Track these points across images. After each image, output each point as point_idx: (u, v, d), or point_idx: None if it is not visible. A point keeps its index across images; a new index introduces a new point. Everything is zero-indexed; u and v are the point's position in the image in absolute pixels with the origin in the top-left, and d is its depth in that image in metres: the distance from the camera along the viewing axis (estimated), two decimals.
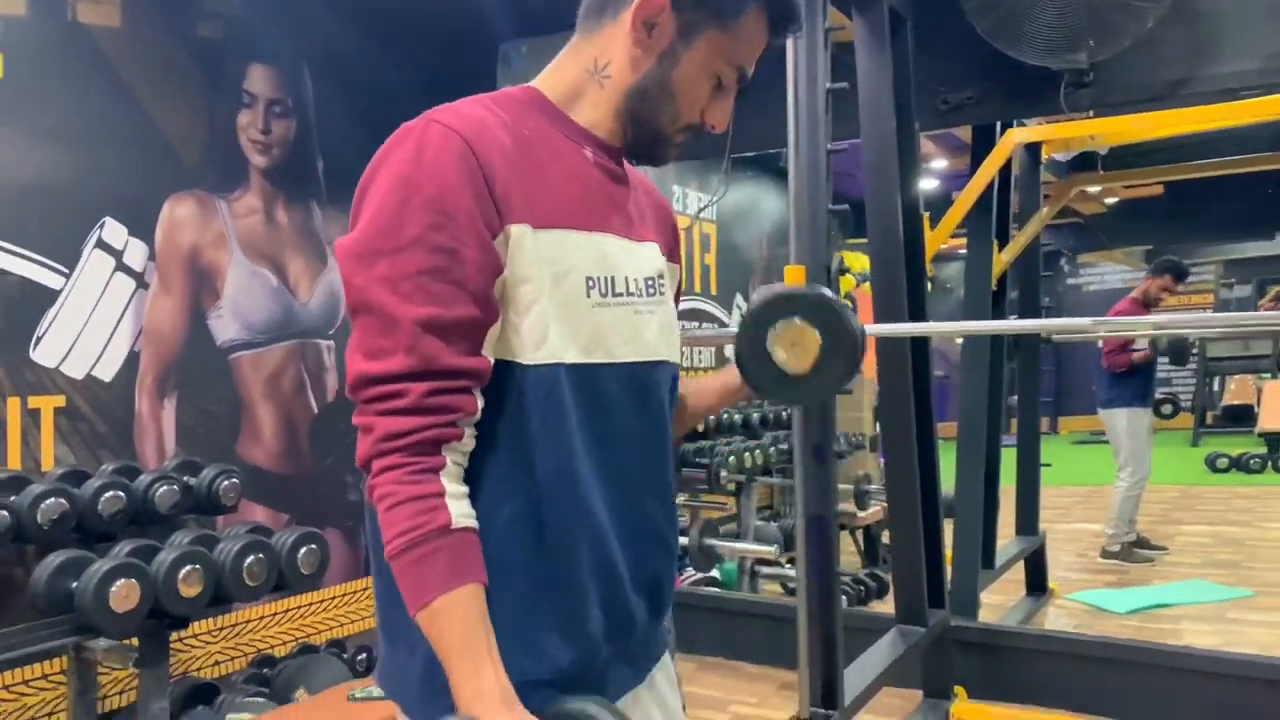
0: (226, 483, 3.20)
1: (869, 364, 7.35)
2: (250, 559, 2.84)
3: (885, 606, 4.24)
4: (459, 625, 0.92)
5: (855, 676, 2.63)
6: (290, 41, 3.81)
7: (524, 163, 1.01)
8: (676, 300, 1.23)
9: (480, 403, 0.98)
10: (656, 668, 1.17)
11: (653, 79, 1.06)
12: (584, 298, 1.02)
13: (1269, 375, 10.70)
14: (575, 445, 1.00)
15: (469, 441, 0.98)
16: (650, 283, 1.11)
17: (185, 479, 3.13)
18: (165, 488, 3.02)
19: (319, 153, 3.92)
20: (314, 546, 3.03)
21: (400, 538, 0.93)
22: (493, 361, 0.99)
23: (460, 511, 0.95)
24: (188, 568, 2.66)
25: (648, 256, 1.12)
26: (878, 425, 6.86)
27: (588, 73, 1.08)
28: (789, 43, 2.45)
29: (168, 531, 2.95)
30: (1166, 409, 7.22)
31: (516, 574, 0.99)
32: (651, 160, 1.12)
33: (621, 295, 1.06)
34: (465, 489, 0.97)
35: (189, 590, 2.66)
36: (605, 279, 1.04)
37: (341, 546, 3.97)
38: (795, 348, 1.15)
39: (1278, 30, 3.01)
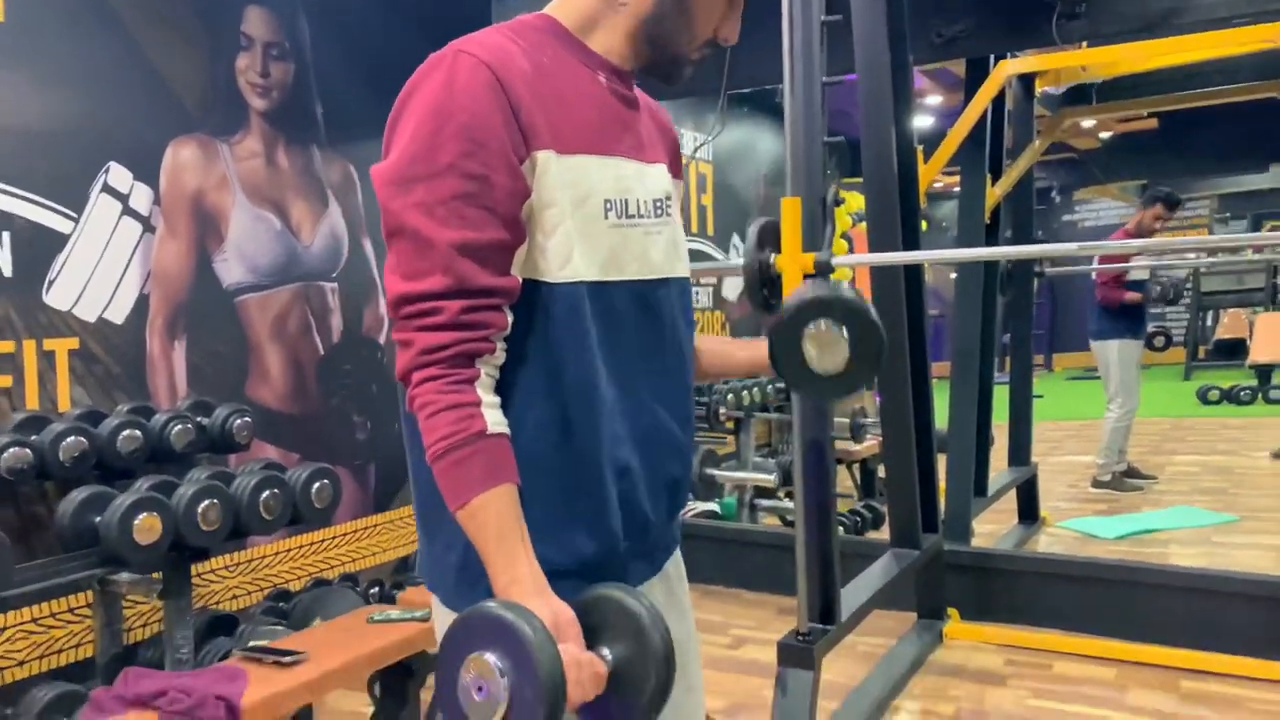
0: (239, 421, 3.28)
1: (865, 296, 7.43)
2: (266, 493, 2.94)
3: (881, 536, 4.36)
4: (495, 521, 1.00)
5: (851, 595, 2.74)
6: None
7: (545, 90, 1.06)
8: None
9: (510, 319, 1.05)
10: (669, 561, 1.26)
11: (671, 3, 1.11)
12: (602, 219, 1.08)
13: (1262, 309, 10.77)
14: (595, 357, 1.08)
15: (500, 355, 1.05)
16: (658, 204, 1.17)
17: (199, 418, 3.21)
18: (180, 426, 3.10)
19: (317, 96, 3.94)
20: (326, 482, 3.12)
21: (441, 442, 1.01)
22: (521, 281, 1.05)
23: (494, 419, 1.03)
24: (207, 501, 2.75)
25: (656, 178, 1.18)
26: None
27: (603, 2, 1.12)
28: None
29: (184, 469, 3.04)
30: (1159, 341, 7.29)
31: (544, 475, 1.07)
32: (668, 80, 1.18)
33: (634, 217, 1.12)
34: (497, 399, 1.05)
35: (209, 524, 2.76)
36: (621, 201, 1.11)
37: (351, 484, 4.07)
38: (826, 349, 1.23)
39: None
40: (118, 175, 3.24)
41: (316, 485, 3.09)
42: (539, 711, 0.91)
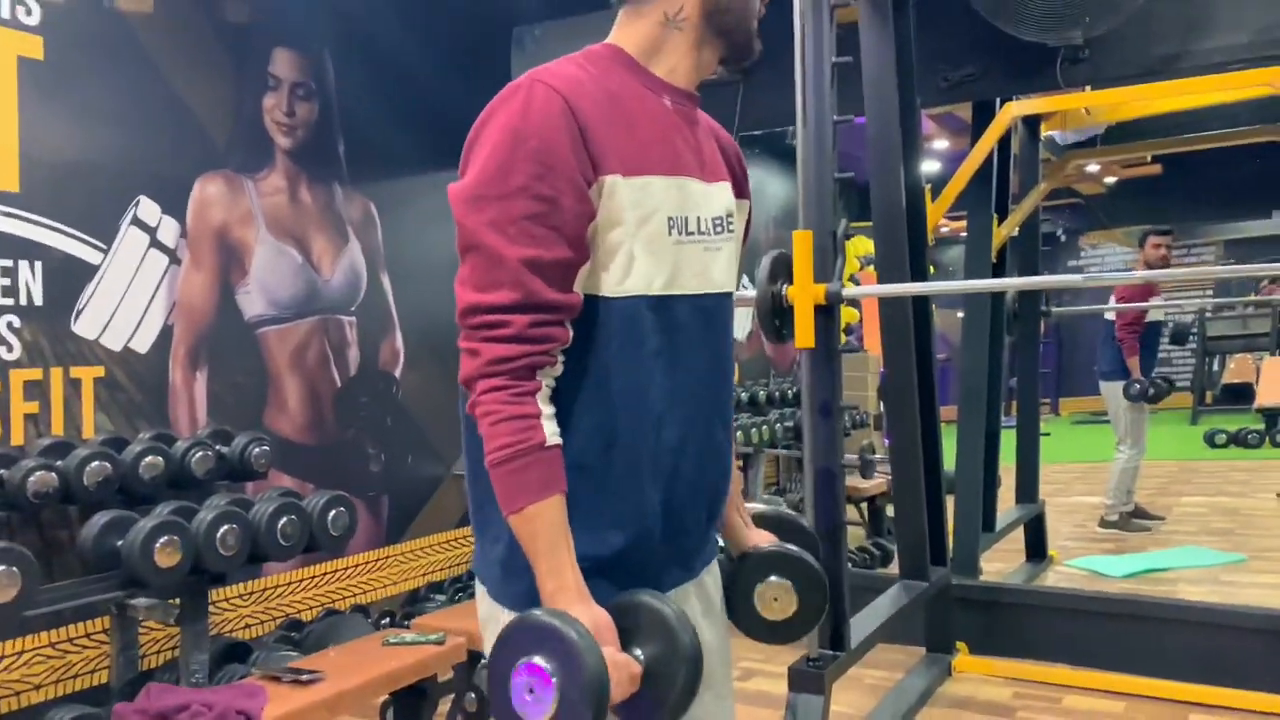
0: (257, 450, 3.34)
1: (873, 340, 7.48)
2: (284, 520, 2.99)
3: (889, 572, 4.37)
4: (545, 530, 1.07)
5: (861, 623, 2.77)
6: (313, 26, 3.94)
7: (614, 115, 1.13)
8: (746, 232, 1.37)
9: (570, 334, 1.12)
10: (705, 570, 1.31)
11: None
12: (666, 236, 1.15)
13: (1268, 354, 10.80)
14: (650, 368, 1.14)
15: (559, 367, 1.12)
16: (718, 221, 1.24)
17: (218, 446, 3.27)
18: (201, 453, 3.16)
19: (340, 134, 4.05)
20: (343, 509, 3.18)
21: (501, 450, 1.07)
22: (582, 297, 1.12)
23: (551, 431, 1.09)
24: (226, 526, 2.80)
25: (719, 196, 1.25)
26: (881, 405, 7.01)
27: (662, 25, 1.20)
28: (796, 20, 2.57)
29: (203, 496, 3.09)
30: (1150, 390, 7.24)
31: (589, 478, 1.13)
32: (746, 57, 1.26)
33: (694, 234, 1.19)
34: (553, 409, 1.11)
35: (227, 549, 2.80)
36: (683, 219, 1.18)
37: (365, 515, 4.11)
38: (776, 600, 1.36)
39: (1265, 6, 3.13)
40: (147, 209, 3.33)
41: (333, 513, 3.15)
42: (586, 711, 0.98)
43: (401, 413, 4.34)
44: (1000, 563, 4.75)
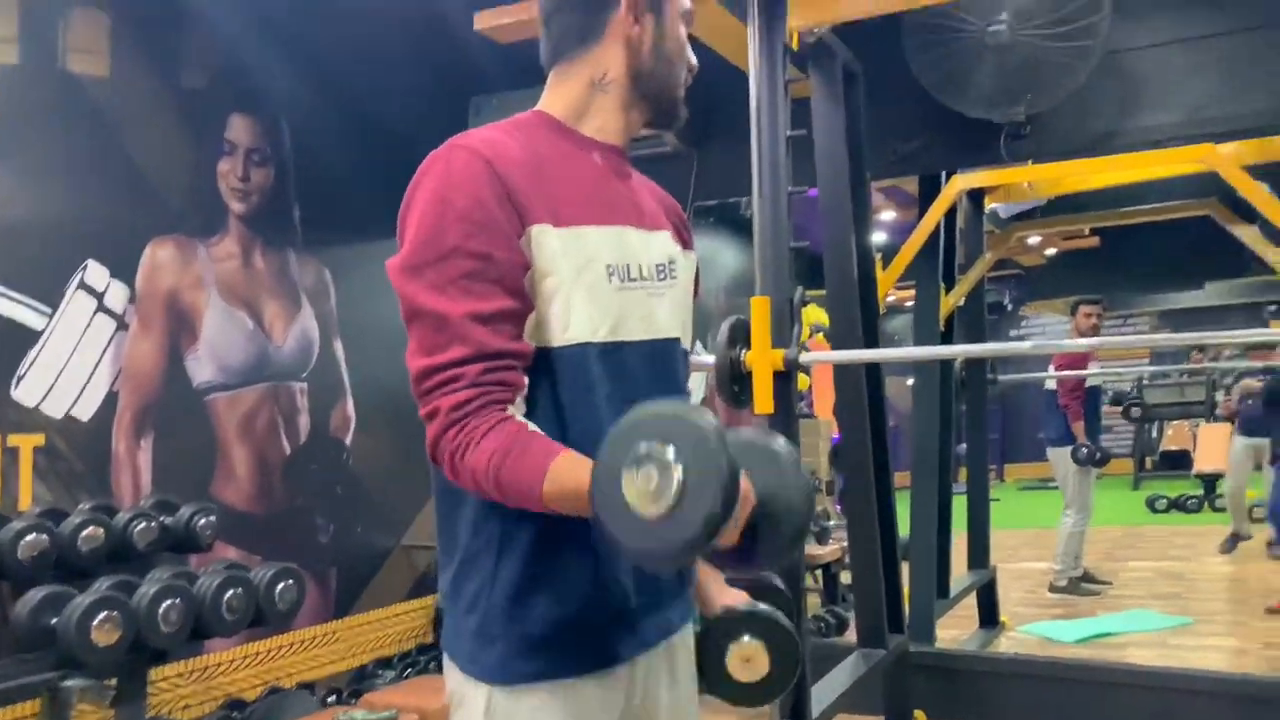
0: (203, 520, 3.24)
1: (824, 404, 7.53)
2: (230, 593, 2.89)
3: (846, 640, 4.35)
4: (578, 470, 1.03)
5: (821, 692, 2.74)
6: (270, 92, 3.94)
7: (541, 172, 1.16)
8: (696, 285, 1.38)
9: (526, 381, 1.12)
10: (684, 626, 1.29)
11: (654, 57, 1.24)
12: (607, 283, 1.17)
13: (1203, 421, 11.10)
14: (603, 415, 1.13)
15: (521, 404, 1.12)
16: (660, 268, 1.25)
17: (162, 517, 3.17)
18: (144, 525, 3.06)
19: (296, 199, 4.04)
20: (291, 582, 3.09)
21: (494, 455, 1.05)
22: (533, 347, 1.12)
23: (531, 423, 1.09)
24: (169, 601, 2.71)
25: (659, 244, 1.27)
26: (833, 470, 7.05)
27: (589, 88, 1.24)
28: (751, 94, 2.64)
29: (144, 569, 2.99)
30: (1093, 455, 7.30)
31: (554, 528, 1.12)
32: (672, 123, 1.30)
33: (637, 280, 1.21)
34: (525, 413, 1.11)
35: (170, 624, 2.71)
36: (623, 266, 1.19)
37: (313, 588, 4.00)
38: (748, 662, 1.32)
39: (1196, 85, 3.29)
40: (95, 273, 3.27)
41: (281, 585, 3.06)
42: (717, 497, 0.89)
43: (352, 481, 4.26)
44: (954, 629, 4.75)
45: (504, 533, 1.14)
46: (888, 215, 6.91)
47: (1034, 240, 7.15)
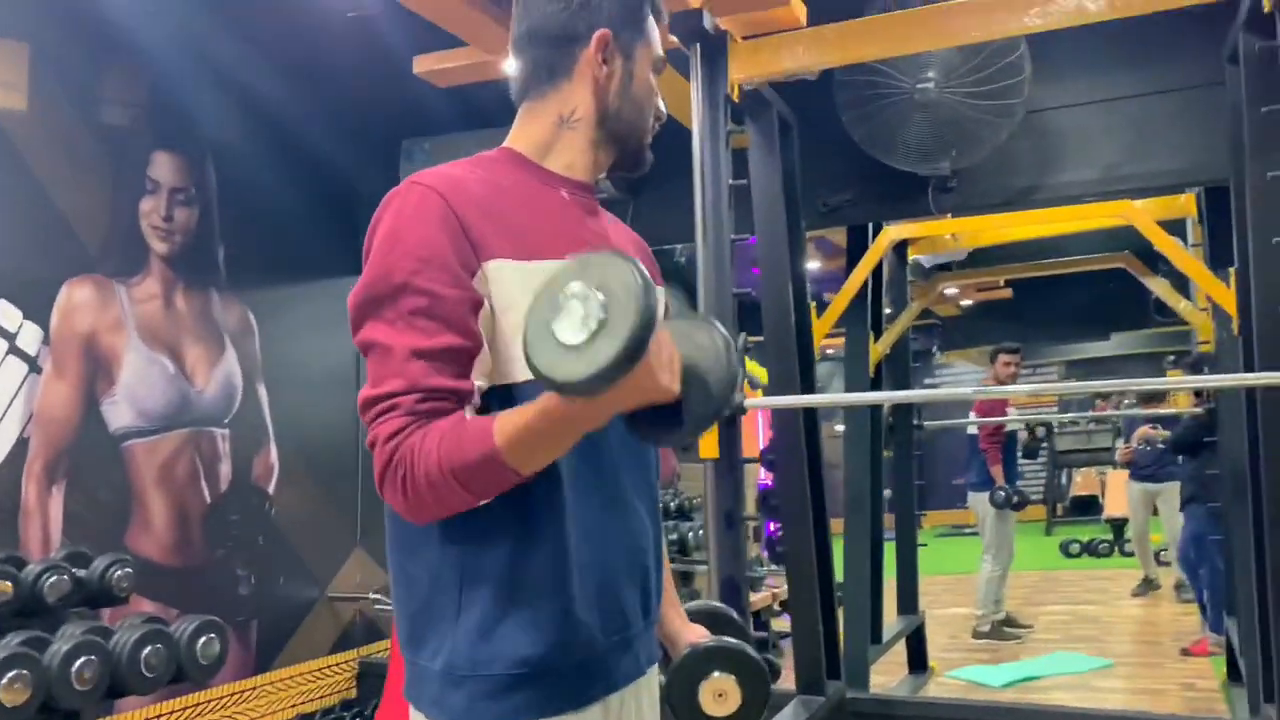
0: (119, 573, 3.08)
1: (749, 447, 7.58)
2: (148, 649, 2.77)
3: (780, 687, 4.34)
4: (519, 412, 1.02)
5: None
6: (196, 130, 3.85)
7: (501, 207, 1.15)
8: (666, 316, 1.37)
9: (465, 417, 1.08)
10: (651, 668, 1.26)
11: (621, 100, 1.24)
12: None
13: (1110, 468, 11.50)
14: (572, 452, 1.10)
15: None
16: None
17: (75, 569, 3.01)
18: (55, 578, 2.89)
19: (220, 242, 3.93)
20: (213, 636, 2.96)
21: (440, 447, 1.02)
22: (482, 386, 1.10)
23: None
24: (83, 658, 2.57)
25: None
26: (760, 514, 7.08)
27: (555, 125, 1.23)
28: (695, 144, 2.68)
29: (53, 625, 2.83)
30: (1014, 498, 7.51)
31: (522, 572, 1.10)
32: (637, 167, 1.30)
33: None
34: None
35: (83, 683, 2.56)
36: None
37: (233, 642, 3.83)
38: (721, 696, 1.33)
39: (1112, 145, 3.45)
40: (6, 313, 3.13)
41: (203, 640, 2.93)
42: (639, 316, 0.92)
43: (274, 531, 4.12)
44: (884, 674, 4.78)
45: (465, 574, 1.11)
46: (813, 265, 7.04)
47: (951, 291, 7.38)
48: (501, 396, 1.11)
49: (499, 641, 1.09)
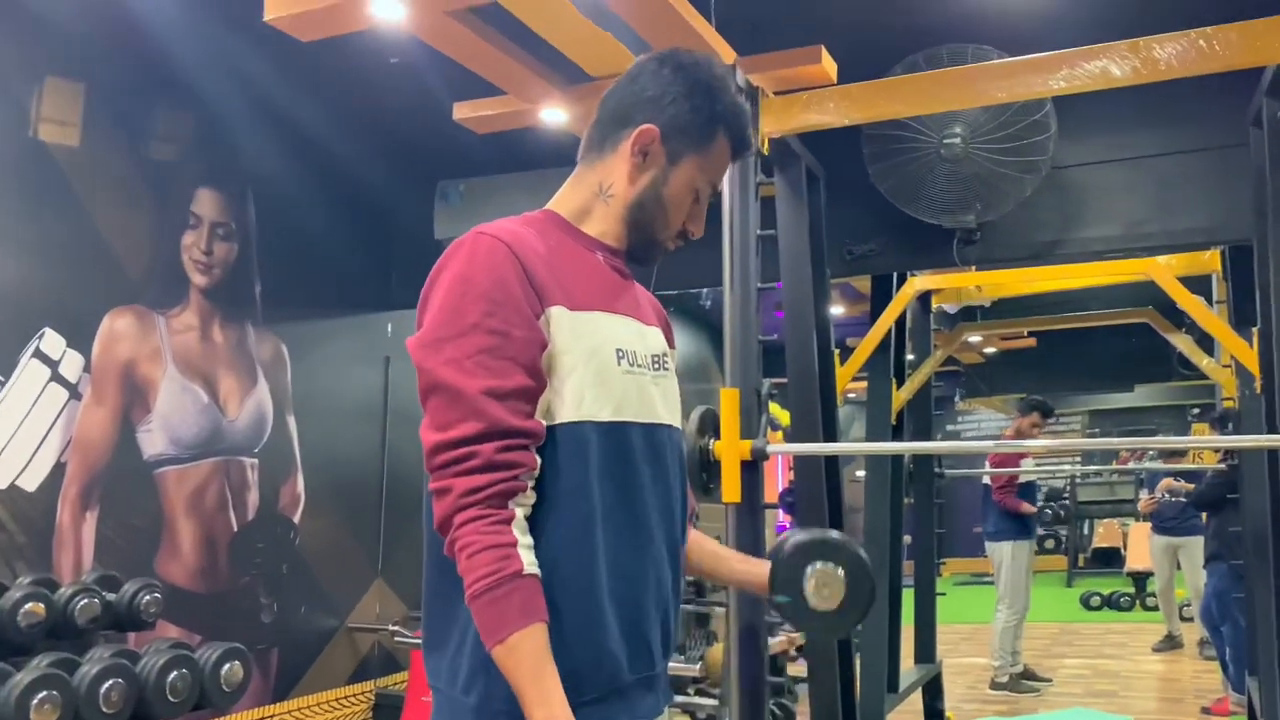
0: (148, 598, 3.15)
1: (768, 491, 7.58)
2: (174, 674, 2.82)
3: None
4: (530, 658, 1.07)
5: None
6: (238, 167, 3.97)
7: (554, 262, 1.21)
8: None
9: (538, 460, 1.14)
10: (667, 710, 1.30)
11: (649, 195, 1.29)
12: (615, 365, 1.22)
13: (1133, 519, 11.38)
14: (606, 492, 1.16)
15: (531, 494, 1.14)
16: (656, 359, 1.31)
17: (105, 593, 3.07)
18: (86, 600, 2.97)
19: (257, 276, 4.03)
20: (237, 663, 3.02)
21: (480, 581, 1.07)
22: (545, 425, 1.15)
23: (529, 560, 1.10)
24: (111, 681, 2.63)
25: (654, 337, 1.33)
26: None
27: (594, 194, 1.30)
28: (725, 194, 2.73)
29: (82, 647, 2.89)
30: (1049, 544, 7.57)
31: (557, 601, 1.13)
32: (646, 260, 1.35)
33: (640, 367, 1.26)
34: (531, 540, 1.12)
35: (110, 705, 2.62)
36: (631, 351, 1.25)
37: (254, 670, 3.88)
38: (824, 589, 1.39)
39: (1135, 203, 3.49)
40: (51, 341, 3.22)
41: (227, 666, 2.99)
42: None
43: (298, 560, 4.18)
44: None
45: None
46: (837, 310, 7.09)
47: (974, 339, 7.40)
48: (548, 435, 1.16)
49: None
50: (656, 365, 1.31)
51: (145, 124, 3.61)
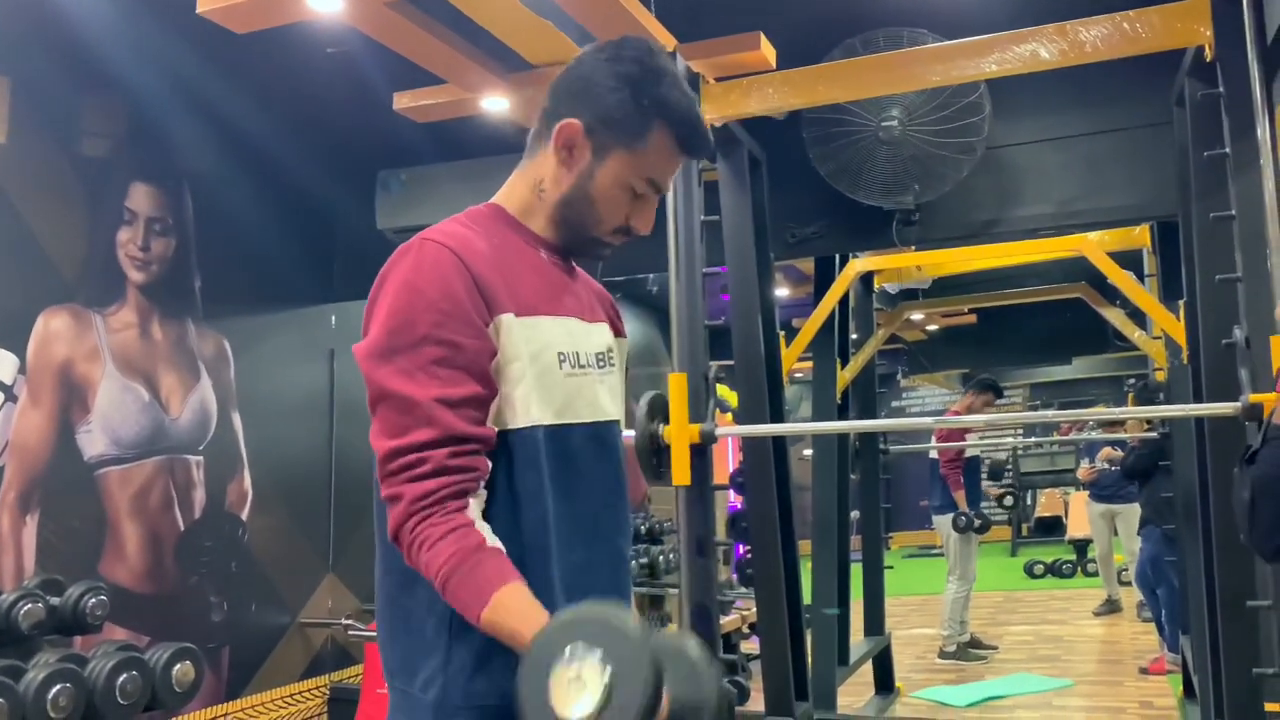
0: (93, 600, 3.09)
1: (718, 468, 7.65)
2: (124, 677, 2.78)
3: (747, 709, 4.39)
4: (518, 611, 1.06)
5: None
6: (173, 163, 3.89)
7: (499, 265, 1.21)
8: (625, 367, 1.45)
9: (490, 465, 1.15)
10: None
11: (576, 191, 1.26)
12: (558, 369, 1.23)
13: (1073, 489, 11.68)
14: (554, 495, 1.19)
15: (484, 495, 1.15)
16: (601, 356, 1.32)
17: (49, 597, 3.02)
18: (29, 606, 2.91)
19: (197, 271, 3.97)
20: (189, 662, 2.98)
21: (447, 563, 1.08)
22: (495, 431, 1.16)
23: (489, 533, 1.12)
24: (59, 686, 2.59)
25: (599, 334, 1.34)
26: (730, 537, 7.14)
27: (532, 190, 1.29)
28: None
29: (27, 653, 2.84)
30: (999, 516, 7.73)
31: None
32: (586, 256, 1.35)
33: (584, 367, 1.27)
34: (488, 526, 1.13)
35: (59, 710, 2.58)
36: (573, 353, 1.26)
37: (205, 669, 3.84)
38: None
39: (1067, 181, 3.58)
40: None
41: (178, 666, 2.95)
42: (643, 707, 0.90)
43: (248, 557, 4.13)
44: (850, 696, 4.84)
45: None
46: (781, 292, 7.16)
47: (916, 317, 7.52)
48: (499, 441, 1.17)
49: (492, 675, 1.14)
50: (601, 362, 1.31)
51: (76, 119, 3.52)
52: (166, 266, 3.83)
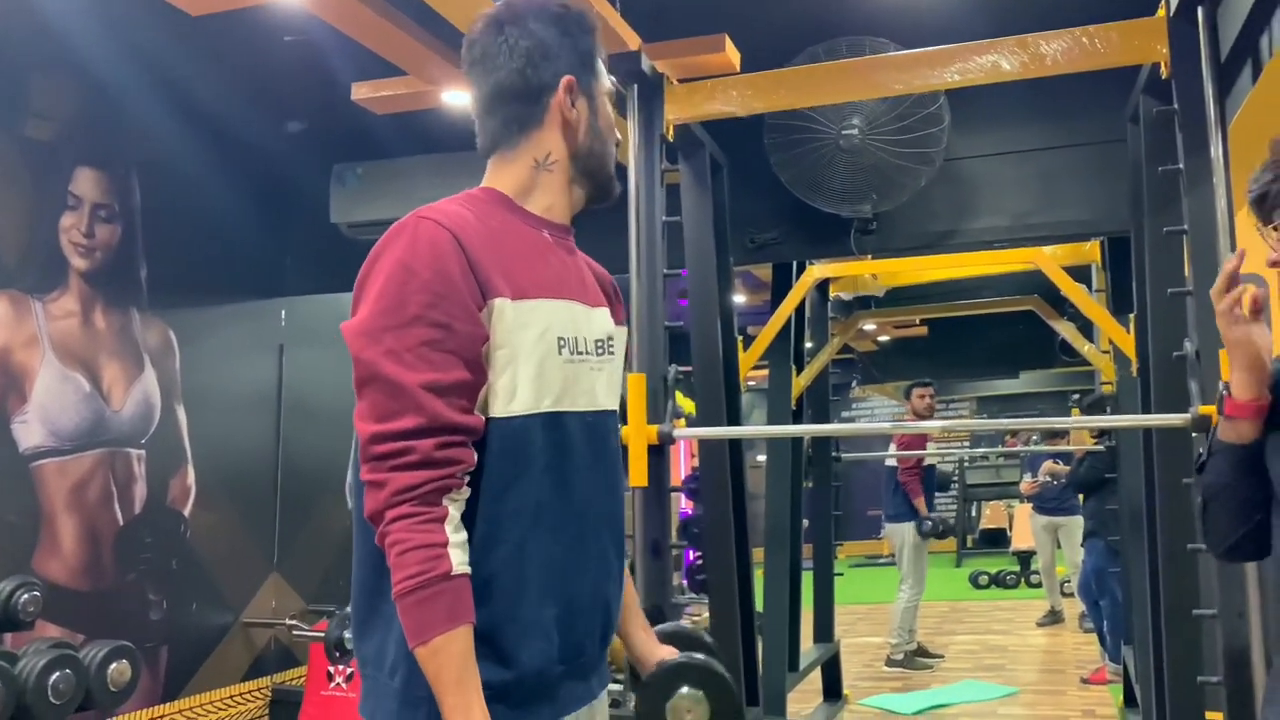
0: (26, 596, 2.99)
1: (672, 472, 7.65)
2: (56, 675, 2.70)
3: None
4: (452, 664, 1.06)
5: None
6: (122, 148, 3.79)
7: (498, 248, 1.18)
8: (627, 357, 1.42)
9: (475, 456, 1.12)
10: (603, 691, 1.30)
11: (590, 133, 1.30)
12: (557, 354, 1.20)
13: (1018, 501, 11.87)
14: (541, 485, 1.16)
15: (466, 490, 1.12)
16: (600, 344, 1.29)
17: None
18: None
19: (143, 259, 3.86)
20: (125, 661, 2.91)
21: (408, 580, 1.06)
22: (483, 420, 1.13)
23: (459, 560, 1.09)
24: None
25: (600, 320, 1.31)
26: (681, 541, 7.14)
27: (533, 169, 1.27)
28: (630, 181, 2.74)
29: None
30: (937, 528, 7.84)
31: (486, 597, 1.12)
32: (608, 195, 1.35)
33: (583, 354, 1.25)
34: (464, 536, 1.11)
35: None
36: (573, 338, 1.23)
37: (142, 669, 3.73)
38: (688, 715, 1.38)
39: (1022, 195, 3.63)
40: None
41: (113, 665, 2.87)
42: None
43: (189, 555, 4.03)
44: (799, 703, 4.85)
45: None
46: (738, 299, 7.18)
47: (869, 327, 7.59)
48: (487, 426, 1.15)
49: None
50: (600, 350, 1.29)
51: (21, 101, 3.41)
52: (111, 254, 3.73)
